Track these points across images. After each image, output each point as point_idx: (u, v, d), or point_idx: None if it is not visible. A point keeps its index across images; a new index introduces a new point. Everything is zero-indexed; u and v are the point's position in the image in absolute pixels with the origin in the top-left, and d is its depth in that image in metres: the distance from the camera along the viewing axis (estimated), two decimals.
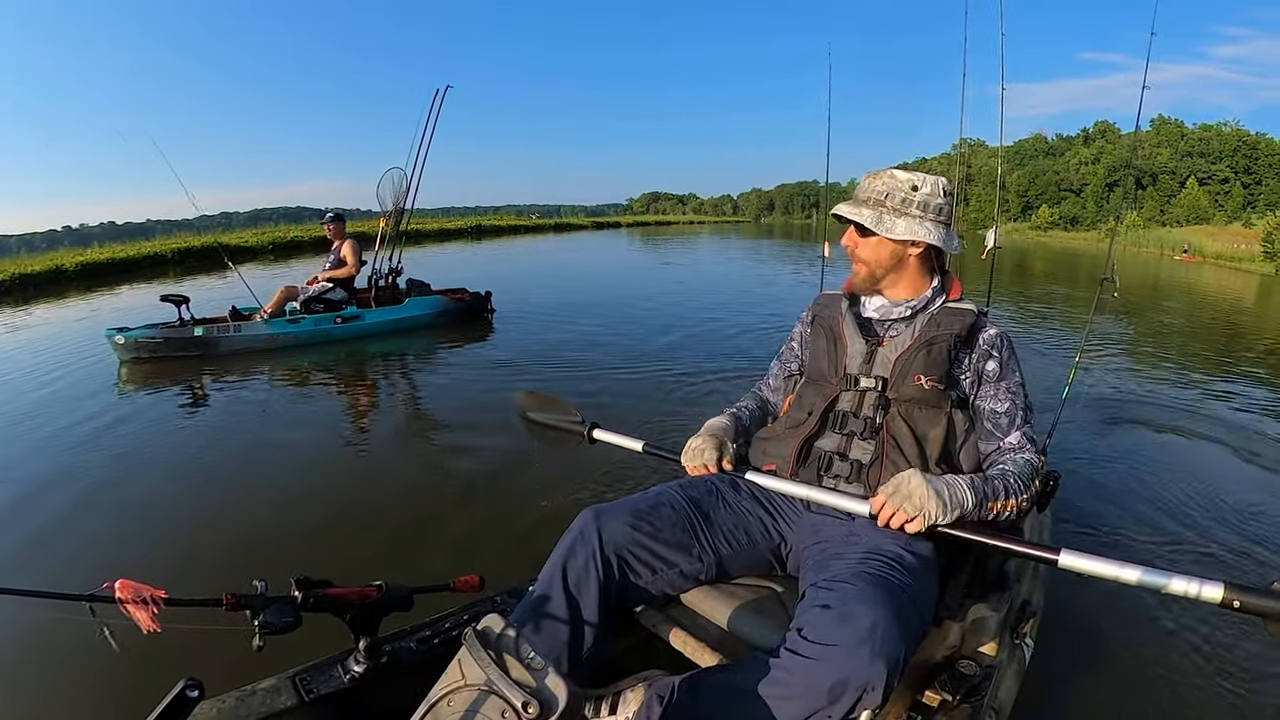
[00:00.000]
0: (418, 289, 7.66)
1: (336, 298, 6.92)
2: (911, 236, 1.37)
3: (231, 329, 6.34)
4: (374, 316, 7.07)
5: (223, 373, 5.70)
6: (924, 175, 1.40)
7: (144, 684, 1.19)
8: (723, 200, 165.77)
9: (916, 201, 1.38)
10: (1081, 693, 1.91)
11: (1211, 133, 57.80)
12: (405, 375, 6.05)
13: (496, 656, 0.89)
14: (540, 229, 37.61)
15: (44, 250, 19.21)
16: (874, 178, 1.42)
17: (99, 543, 2.80)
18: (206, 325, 6.29)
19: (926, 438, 1.35)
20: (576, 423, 1.76)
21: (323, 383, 5.58)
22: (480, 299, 8.11)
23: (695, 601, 1.42)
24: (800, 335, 1.67)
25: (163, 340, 6.08)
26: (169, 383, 5.41)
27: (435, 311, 7.61)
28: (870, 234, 1.40)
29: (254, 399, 5.00)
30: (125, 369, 5.87)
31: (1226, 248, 30.86)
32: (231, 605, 1.06)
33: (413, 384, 5.77)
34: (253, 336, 6.40)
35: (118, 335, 5.99)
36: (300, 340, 6.57)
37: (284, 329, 6.51)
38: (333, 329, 6.75)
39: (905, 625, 1.07)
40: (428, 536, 2.79)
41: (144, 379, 5.54)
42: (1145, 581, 1.04)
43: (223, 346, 6.29)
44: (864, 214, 1.39)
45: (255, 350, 6.35)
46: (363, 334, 6.94)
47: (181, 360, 6.03)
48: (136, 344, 6.01)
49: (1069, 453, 3.73)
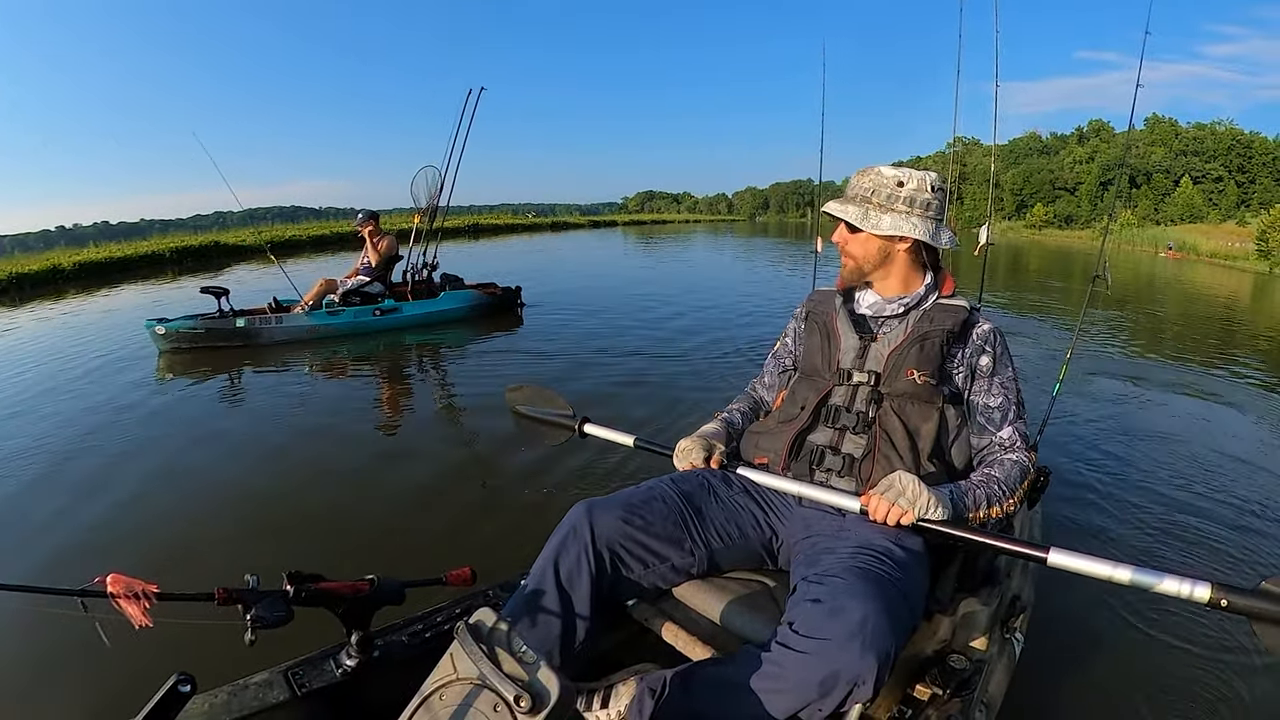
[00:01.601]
0: (451, 283, 7.88)
1: (374, 291, 7.09)
2: (896, 232, 1.38)
3: (273, 320, 6.53)
4: (411, 309, 7.27)
5: (249, 363, 5.90)
6: (911, 171, 1.41)
7: (136, 679, 1.19)
8: (717, 199, 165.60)
9: (902, 197, 1.38)
10: (1071, 687, 1.92)
11: (1205, 132, 57.92)
12: (429, 368, 6.19)
13: (489, 650, 0.89)
14: (537, 228, 37.54)
15: (38, 250, 19.10)
16: (862, 175, 1.44)
17: (93, 532, 2.79)
18: (249, 316, 6.48)
19: (919, 432, 1.36)
20: (568, 417, 1.75)
21: (339, 375, 5.70)
22: (511, 293, 8.36)
23: (687, 595, 1.42)
24: (794, 331, 1.68)
25: (205, 331, 6.26)
26: (207, 372, 5.56)
27: (469, 305, 7.80)
28: (858, 230, 1.42)
29: (261, 391, 5.09)
30: (164, 359, 6.03)
31: (1221, 246, 30.98)
32: (223, 600, 1.06)
33: (430, 376, 5.87)
34: (294, 328, 6.60)
35: (158, 326, 6.15)
36: (340, 331, 6.77)
37: (324, 320, 6.70)
38: (371, 321, 6.92)
39: (895, 619, 1.08)
40: (420, 530, 2.79)
41: (184, 368, 5.71)
42: (1134, 581, 1.04)
43: (264, 337, 6.48)
44: (850, 211, 1.41)
45: (296, 341, 6.56)
46: (400, 326, 7.12)
47: (220, 350, 6.21)
48: (178, 334, 6.19)
49: (1060, 448, 3.75)
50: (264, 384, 5.35)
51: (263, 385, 5.32)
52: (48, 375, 5.55)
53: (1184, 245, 32.42)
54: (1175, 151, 56.75)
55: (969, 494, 1.28)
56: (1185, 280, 18.41)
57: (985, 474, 1.35)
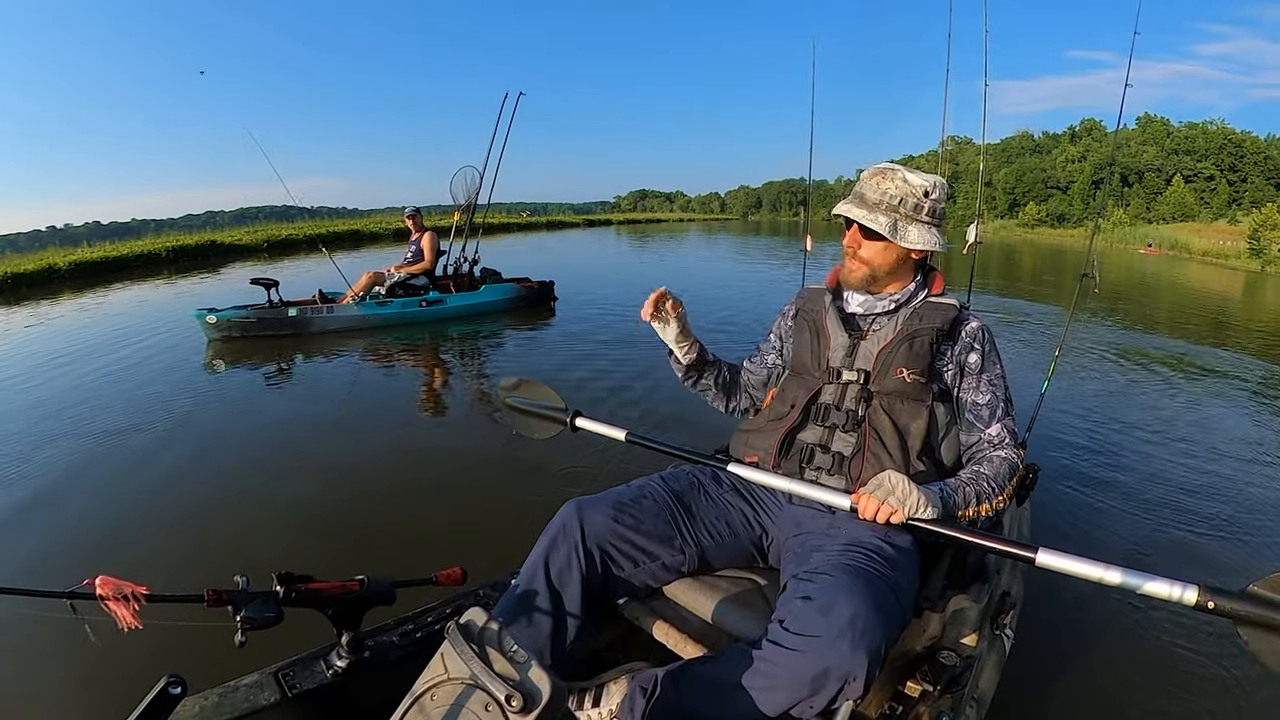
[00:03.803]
0: (491, 277, 8.28)
1: (419, 283, 7.49)
2: (923, 246, 1.37)
3: (324, 310, 6.87)
4: (455, 301, 7.67)
5: (297, 351, 6.23)
6: (933, 179, 1.40)
7: (126, 681, 1.19)
8: (710, 198, 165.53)
9: (927, 208, 1.38)
10: (1061, 682, 1.93)
11: (1197, 131, 58.21)
12: (465, 358, 6.36)
13: (480, 650, 0.89)
14: (533, 227, 37.48)
15: (29, 250, 18.94)
16: (882, 178, 1.40)
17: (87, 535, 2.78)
18: (300, 306, 6.82)
19: (908, 430, 1.36)
20: (559, 410, 1.74)
21: (381, 363, 5.93)
22: (546, 287, 8.78)
23: (678, 593, 1.42)
24: (780, 328, 1.68)
25: (256, 320, 6.57)
26: (257, 360, 5.89)
27: (509, 298, 8.24)
28: (877, 238, 1.39)
29: (265, 385, 5.13)
30: (213, 347, 6.34)
31: (1213, 245, 31.17)
32: (213, 601, 1.06)
33: (462, 368, 6.02)
34: (345, 317, 6.94)
35: (209, 315, 6.42)
36: (387, 321, 7.11)
37: (373, 310, 7.04)
38: (417, 311, 7.31)
39: (886, 616, 1.08)
40: (410, 529, 2.79)
41: (235, 357, 6.03)
42: (1122, 583, 1.04)
43: (316, 326, 6.82)
44: (880, 221, 1.37)
45: (345, 330, 6.91)
46: (444, 317, 7.53)
47: (269, 339, 6.54)
48: (229, 324, 6.47)
49: (1049, 445, 3.77)
50: (310, 372, 5.63)
51: (309, 373, 5.61)
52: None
53: (1171, 242, 32.62)
54: (1167, 150, 57.06)
55: (958, 491, 1.29)
56: (1177, 278, 18.51)
57: (974, 471, 1.35)
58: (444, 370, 5.89)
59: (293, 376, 5.52)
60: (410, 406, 4.79)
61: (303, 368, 5.79)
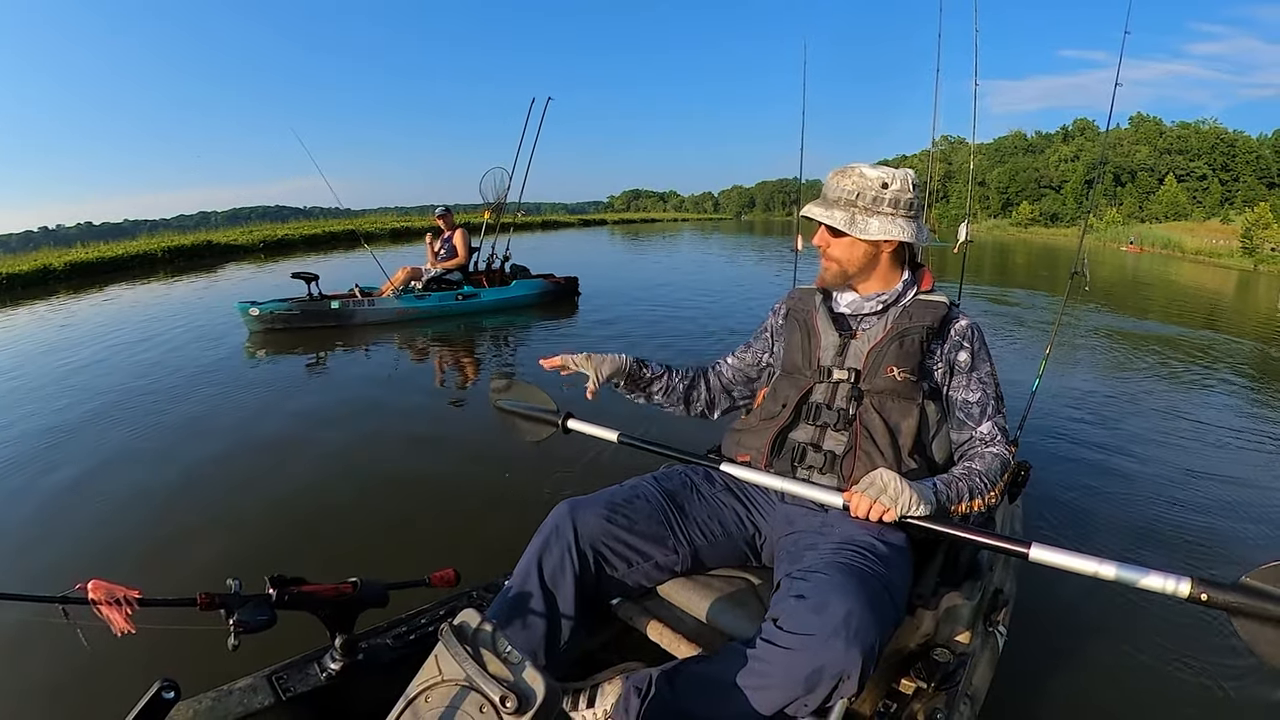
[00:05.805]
0: (520, 272, 8.64)
1: (453, 278, 7.93)
2: (885, 236, 1.37)
3: (365, 303, 7.23)
4: (488, 295, 8.09)
5: (340, 343, 6.54)
6: (892, 170, 1.40)
7: (119, 685, 1.18)
8: (704, 198, 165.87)
9: (887, 199, 1.38)
10: (1055, 679, 1.94)
11: (1190, 130, 58.58)
12: (494, 349, 6.64)
13: (473, 651, 0.89)
14: (529, 226, 37.43)
15: (20, 251, 18.86)
16: (842, 175, 1.41)
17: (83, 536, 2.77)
18: (341, 299, 7.15)
19: (899, 429, 1.37)
20: (551, 412, 1.72)
21: (414, 355, 6.18)
22: (571, 282, 9.17)
23: (671, 593, 1.42)
24: (771, 327, 1.68)
25: (299, 312, 6.91)
26: (297, 351, 6.17)
27: (539, 292, 8.67)
28: (842, 234, 1.41)
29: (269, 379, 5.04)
30: (254, 339, 6.63)
31: (1205, 244, 31.35)
32: (206, 604, 1.06)
33: (483, 361, 6.13)
34: (384, 310, 7.32)
35: (252, 308, 6.74)
36: (425, 314, 7.57)
37: (412, 304, 7.48)
38: (453, 305, 7.75)
39: (879, 614, 1.08)
40: (402, 530, 2.78)
41: (277, 348, 6.31)
42: (1115, 577, 1.04)
43: (357, 318, 7.17)
44: (836, 216, 1.39)
45: (384, 322, 7.29)
46: (478, 310, 7.95)
47: (311, 331, 6.86)
48: (272, 316, 6.79)
49: (1041, 442, 3.78)
50: (347, 363, 5.94)
51: (347, 363, 5.93)
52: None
53: (1164, 241, 32.78)
54: (1160, 150, 57.39)
55: (951, 487, 1.29)
56: (1170, 276, 18.60)
57: (966, 467, 1.36)
58: (443, 367, 5.89)
59: (292, 376, 5.51)
60: (405, 408, 4.77)
61: (296, 363, 5.84)
